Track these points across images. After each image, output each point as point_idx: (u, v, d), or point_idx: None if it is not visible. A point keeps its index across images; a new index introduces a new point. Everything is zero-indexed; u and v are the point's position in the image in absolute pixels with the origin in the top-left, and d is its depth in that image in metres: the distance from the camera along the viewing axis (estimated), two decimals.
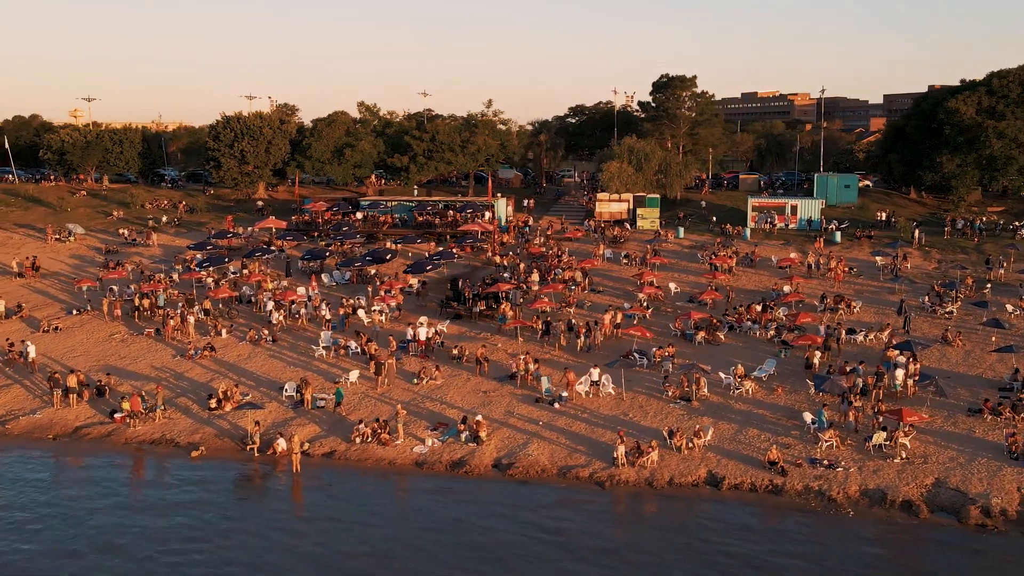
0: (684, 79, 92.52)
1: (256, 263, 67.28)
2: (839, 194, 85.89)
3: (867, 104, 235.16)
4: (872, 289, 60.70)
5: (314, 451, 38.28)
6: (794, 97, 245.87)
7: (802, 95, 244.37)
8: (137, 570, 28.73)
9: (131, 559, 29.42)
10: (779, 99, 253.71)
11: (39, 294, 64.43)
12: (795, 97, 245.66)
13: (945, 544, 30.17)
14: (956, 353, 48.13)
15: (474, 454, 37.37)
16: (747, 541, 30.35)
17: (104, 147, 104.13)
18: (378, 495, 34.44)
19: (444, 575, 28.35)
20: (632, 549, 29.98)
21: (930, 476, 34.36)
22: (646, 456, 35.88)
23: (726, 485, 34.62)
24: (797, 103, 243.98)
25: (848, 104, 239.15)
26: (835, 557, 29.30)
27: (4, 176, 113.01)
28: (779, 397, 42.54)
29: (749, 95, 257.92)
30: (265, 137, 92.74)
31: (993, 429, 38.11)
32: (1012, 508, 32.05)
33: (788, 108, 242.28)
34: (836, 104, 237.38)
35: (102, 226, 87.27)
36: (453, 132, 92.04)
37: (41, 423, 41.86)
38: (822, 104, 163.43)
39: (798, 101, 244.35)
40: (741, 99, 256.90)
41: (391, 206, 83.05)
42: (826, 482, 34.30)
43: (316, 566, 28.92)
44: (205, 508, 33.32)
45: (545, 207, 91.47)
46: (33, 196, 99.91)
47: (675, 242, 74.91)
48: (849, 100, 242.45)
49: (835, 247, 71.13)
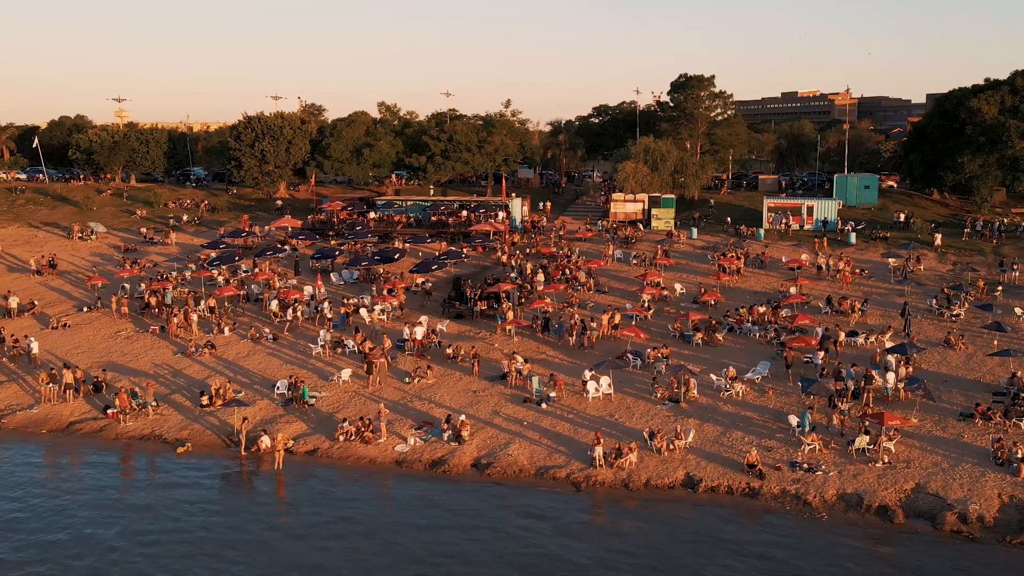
0: (702, 79, 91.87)
1: (267, 262, 67.89)
2: (859, 195, 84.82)
3: (909, 104, 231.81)
4: (881, 291, 59.88)
5: (298, 449, 38.62)
6: (835, 96, 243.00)
7: (843, 94, 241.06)
8: (106, 561, 29.20)
9: (102, 550, 29.97)
10: (819, 99, 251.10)
11: (54, 291, 65.64)
12: (835, 96, 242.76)
13: (914, 549, 29.72)
14: (957, 356, 47.37)
15: (454, 453, 37.48)
16: (704, 544, 30.20)
17: (131, 147, 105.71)
18: (348, 495, 34.64)
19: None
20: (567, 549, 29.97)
21: (911, 481, 33.89)
22: (625, 457, 35.74)
23: (702, 488, 34.41)
24: (837, 102, 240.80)
25: (890, 104, 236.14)
26: (788, 558, 29.11)
27: (35, 176, 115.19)
28: (769, 400, 42.17)
29: (789, 94, 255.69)
30: (285, 137, 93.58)
31: (983, 434, 37.49)
32: (990, 515, 31.51)
33: (828, 108, 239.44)
34: (878, 103, 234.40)
35: (125, 225, 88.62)
36: (470, 132, 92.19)
37: (36, 418, 42.64)
38: (847, 107, 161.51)
39: (838, 100, 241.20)
40: (781, 99, 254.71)
41: (407, 206, 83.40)
42: (804, 486, 33.96)
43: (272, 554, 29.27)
44: (182, 503, 33.78)
45: (562, 207, 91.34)
46: (61, 195, 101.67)
47: (687, 243, 74.44)
48: (891, 100, 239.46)
49: (848, 248, 70.25)
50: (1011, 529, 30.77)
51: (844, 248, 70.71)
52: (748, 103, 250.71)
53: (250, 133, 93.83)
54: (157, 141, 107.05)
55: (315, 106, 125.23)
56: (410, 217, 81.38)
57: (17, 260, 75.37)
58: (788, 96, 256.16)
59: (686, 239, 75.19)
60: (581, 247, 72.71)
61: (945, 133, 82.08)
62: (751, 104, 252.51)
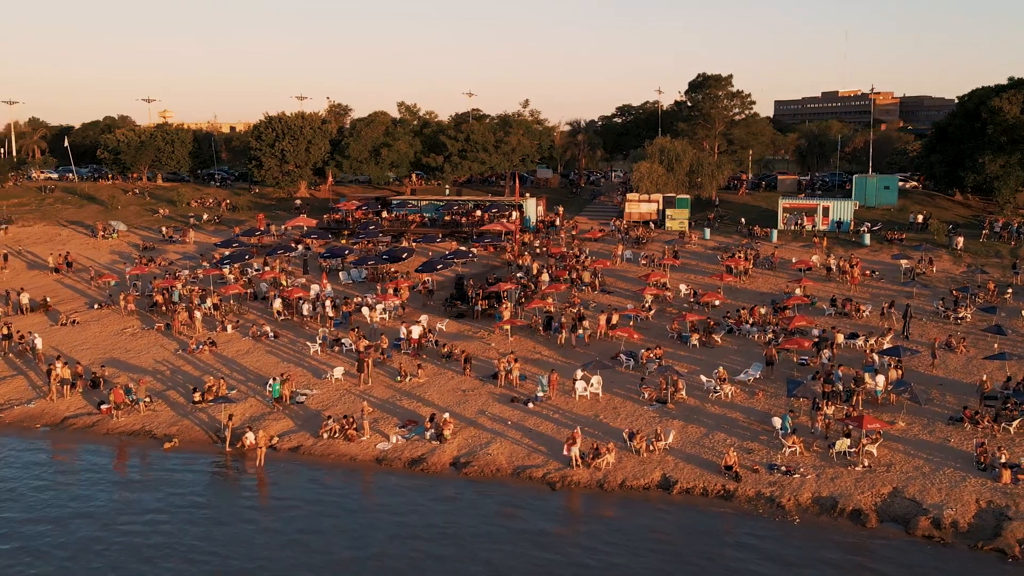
0: (720, 78, 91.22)
1: (278, 260, 68.56)
2: (879, 195, 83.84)
3: (952, 103, 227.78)
4: (889, 293, 59.14)
5: (281, 445, 39.00)
6: (876, 96, 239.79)
7: (884, 94, 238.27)
8: (81, 551, 29.89)
9: (80, 540, 30.74)
10: (860, 98, 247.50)
11: (69, 288, 66.74)
12: (877, 96, 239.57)
13: (879, 553, 29.39)
14: (957, 360, 46.70)
15: (434, 452, 37.62)
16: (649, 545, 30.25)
17: (156, 147, 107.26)
18: (323, 492, 34.93)
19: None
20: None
21: (888, 485, 33.49)
22: (602, 458, 35.66)
23: (677, 489, 34.23)
24: (878, 102, 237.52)
25: (933, 103, 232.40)
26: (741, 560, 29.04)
27: (65, 175, 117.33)
28: (758, 401, 41.85)
29: (830, 94, 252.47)
30: (305, 137, 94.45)
31: (970, 439, 36.90)
32: (964, 520, 31.05)
33: (868, 107, 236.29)
34: (920, 103, 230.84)
35: (147, 223, 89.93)
36: (487, 132, 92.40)
37: (33, 412, 43.43)
38: (886, 106, 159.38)
39: (879, 100, 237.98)
40: (821, 98, 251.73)
41: (421, 205, 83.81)
42: (779, 488, 33.67)
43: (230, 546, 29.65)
44: (161, 496, 34.32)
45: (579, 207, 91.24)
46: (88, 194, 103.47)
47: (699, 243, 74.04)
48: (933, 99, 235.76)
49: (862, 250, 69.51)
50: (985, 535, 30.29)
51: (858, 249, 69.95)
52: (788, 103, 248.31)
53: (271, 133, 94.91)
54: (183, 141, 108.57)
55: (341, 106, 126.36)
56: (424, 217, 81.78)
57: (37, 257, 76.76)
58: (828, 96, 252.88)
59: (697, 239, 74.79)
60: (592, 247, 72.66)
61: (966, 133, 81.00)
62: (791, 104, 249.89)
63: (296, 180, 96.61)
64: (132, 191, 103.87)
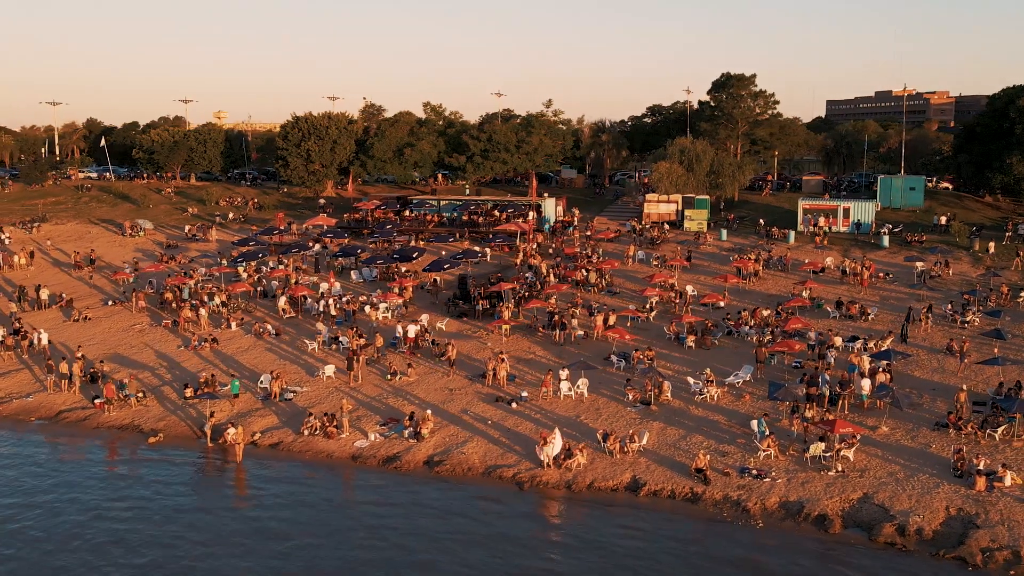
0: (743, 77, 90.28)
1: (291, 259, 69.35)
2: (904, 197, 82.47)
3: None
4: (900, 296, 58.20)
5: (262, 441, 39.53)
6: (930, 96, 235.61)
7: (940, 93, 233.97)
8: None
9: (59, 527, 31.82)
10: (914, 98, 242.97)
11: (89, 285, 68.09)
12: (931, 96, 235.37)
13: (833, 558, 28.99)
14: (956, 364, 45.75)
15: (410, 450, 37.84)
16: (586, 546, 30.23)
17: (189, 146, 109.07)
18: (293, 487, 35.39)
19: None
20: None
21: (859, 491, 32.98)
22: (574, 458, 35.60)
23: (645, 491, 34.06)
24: (933, 102, 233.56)
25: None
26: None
27: (103, 174, 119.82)
28: (743, 404, 41.43)
29: (883, 93, 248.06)
30: (331, 137, 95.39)
31: (952, 445, 36.15)
32: (930, 528, 30.48)
33: (923, 107, 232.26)
34: (977, 102, 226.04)
35: (176, 222, 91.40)
36: (509, 132, 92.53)
37: (30, 406, 44.50)
38: (940, 106, 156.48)
39: (934, 100, 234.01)
40: (874, 98, 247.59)
41: (441, 205, 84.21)
42: (747, 492, 33.33)
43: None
44: (132, 489, 35.15)
45: (601, 207, 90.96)
46: (123, 193, 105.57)
47: (715, 244, 73.41)
48: (989, 97, 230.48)
49: (880, 252, 68.41)
50: (949, 543, 29.71)
51: (876, 251, 68.90)
52: (840, 102, 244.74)
53: (297, 133, 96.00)
54: (214, 141, 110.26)
55: (375, 106, 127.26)
56: (443, 216, 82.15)
57: (64, 254, 78.44)
58: (882, 95, 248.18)
59: (713, 240, 74.17)
60: (607, 248, 72.40)
61: (994, 133, 79.39)
62: (843, 103, 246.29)
63: (322, 179, 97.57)
64: (167, 190, 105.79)
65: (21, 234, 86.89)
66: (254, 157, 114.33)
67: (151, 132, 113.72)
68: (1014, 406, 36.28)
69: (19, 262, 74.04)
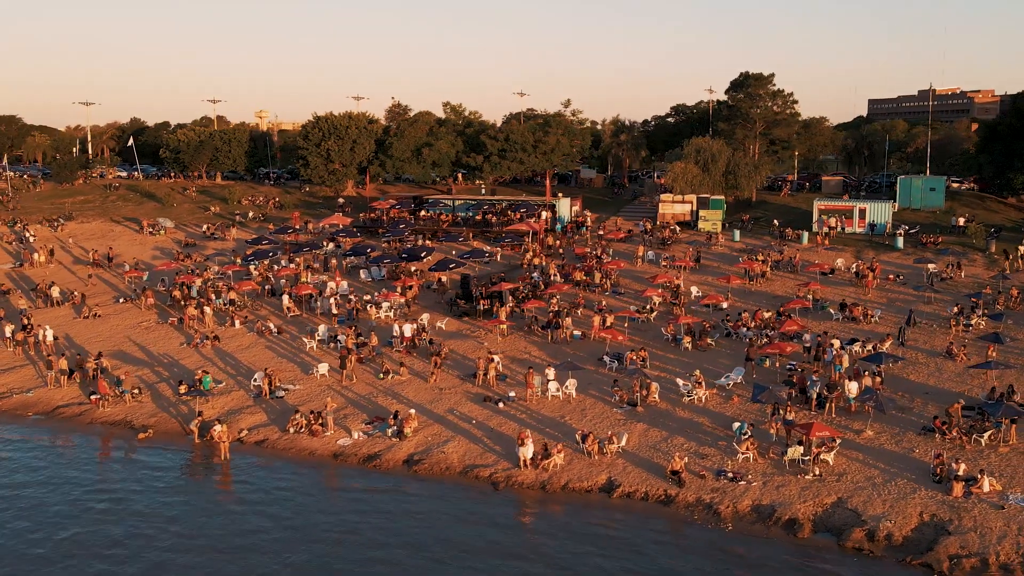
0: (761, 76, 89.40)
1: (302, 258, 69.95)
2: (924, 197, 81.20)
3: None
4: (907, 298, 57.38)
5: (248, 438, 39.95)
6: (975, 94, 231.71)
7: (985, 92, 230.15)
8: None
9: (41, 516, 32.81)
10: (958, 96, 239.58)
11: (104, 283, 69.18)
12: (976, 94, 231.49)
13: (794, 564, 28.75)
14: (954, 368, 45.09)
15: (391, 449, 38.05)
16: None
17: (214, 146, 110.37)
18: (268, 483, 35.83)
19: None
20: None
21: (833, 495, 32.63)
22: (550, 459, 35.59)
23: (618, 493, 33.98)
24: (978, 100, 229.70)
25: None
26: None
27: (132, 173, 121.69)
28: (731, 406, 41.15)
29: (927, 92, 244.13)
30: (350, 136, 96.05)
31: (940, 450, 35.64)
32: (900, 534, 30.09)
33: (967, 106, 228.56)
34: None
35: (198, 220, 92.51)
36: (526, 132, 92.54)
37: (29, 401, 45.36)
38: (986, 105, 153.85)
39: (979, 98, 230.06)
40: (917, 96, 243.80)
41: (456, 205, 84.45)
42: (721, 495, 33.11)
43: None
44: (111, 483, 35.86)
45: (618, 208, 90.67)
46: (148, 192, 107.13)
47: (726, 245, 72.85)
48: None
49: (895, 253, 67.50)
50: (918, 548, 29.33)
51: (891, 253, 68.02)
52: (882, 101, 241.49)
53: (317, 133, 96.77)
54: (239, 140, 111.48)
55: (401, 106, 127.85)
56: (457, 216, 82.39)
57: (85, 251, 79.78)
58: (925, 94, 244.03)
59: (725, 241, 73.62)
60: (618, 248, 72.15)
61: (1017, 132, 77.88)
62: (885, 102, 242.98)
63: (342, 179, 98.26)
64: (190, 189, 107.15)
65: (46, 232, 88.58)
66: (277, 156, 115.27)
67: (177, 132, 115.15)
68: (999, 411, 35.63)
69: (39, 259, 75.38)
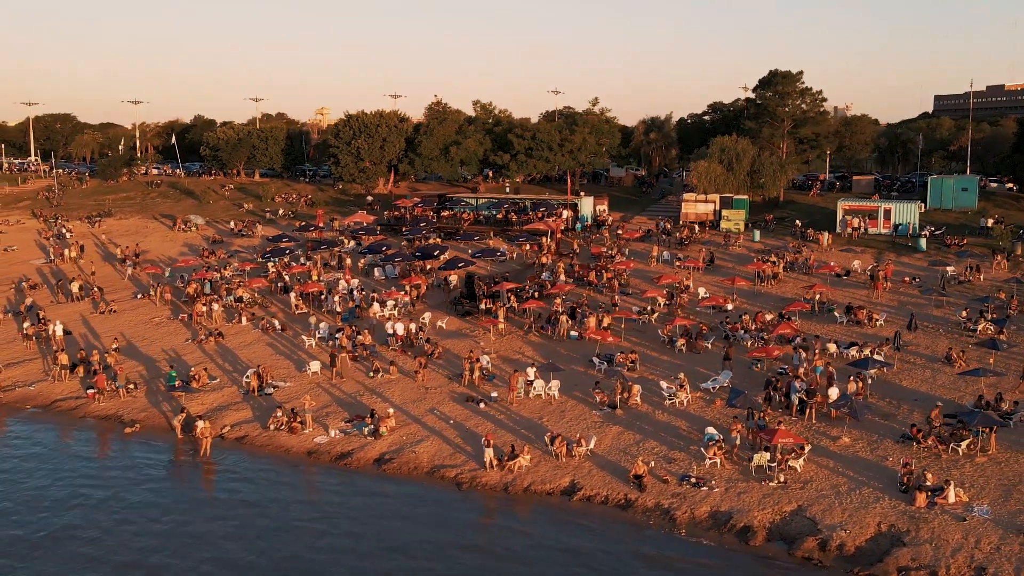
0: (790, 75, 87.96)
1: (319, 255, 70.78)
2: (956, 198, 79.38)
3: None
4: (920, 302, 56.07)
5: (229, 435, 40.61)
6: None
7: None
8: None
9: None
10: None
11: (129, 279, 70.63)
12: None
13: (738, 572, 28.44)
14: (950, 374, 44.00)
15: (364, 448, 38.37)
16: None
17: (252, 144, 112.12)
18: (235, 478, 36.48)
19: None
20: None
21: (794, 503, 32.14)
22: (515, 460, 35.60)
23: (579, 496, 33.86)
24: None
25: None
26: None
27: (175, 170, 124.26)
28: (711, 410, 40.68)
29: (995, 88, 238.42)
30: (380, 135, 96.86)
31: (911, 458, 34.87)
32: (853, 544, 29.52)
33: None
34: None
35: (230, 217, 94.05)
36: (553, 131, 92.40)
37: (30, 394, 46.64)
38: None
39: None
40: (986, 92, 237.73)
41: (479, 203, 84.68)
42: (680, 501, 32.82)
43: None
44: (78, 474, 36.90)
45: (644, 207, 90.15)
46: (188, 189, 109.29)
47: (744, 245, 71.92)
48: None
49: (919, 255, 66.11)
50: (869, 559, 28.77)
51: (914, 254, 66.65)
52: (948, 97, 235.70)
53: (348, 131, 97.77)
54: (276, 138, 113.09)
55: (442, 103, 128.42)
56: (480, 214, 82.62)
57: (114, 247, 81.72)
58: (994, 90, 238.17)
59: (744, 242, 72.70)
60: (635, 248, 71.68)
61: None
62: (951, 99, 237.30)
63: (372, 177, 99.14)
64: (227, 186, 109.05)
65: (84, 228, 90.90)
66: (311, 154, 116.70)
67: (217, 130, 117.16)
68: (974, 420, 34.72)
69: (69, 255, 77.32)
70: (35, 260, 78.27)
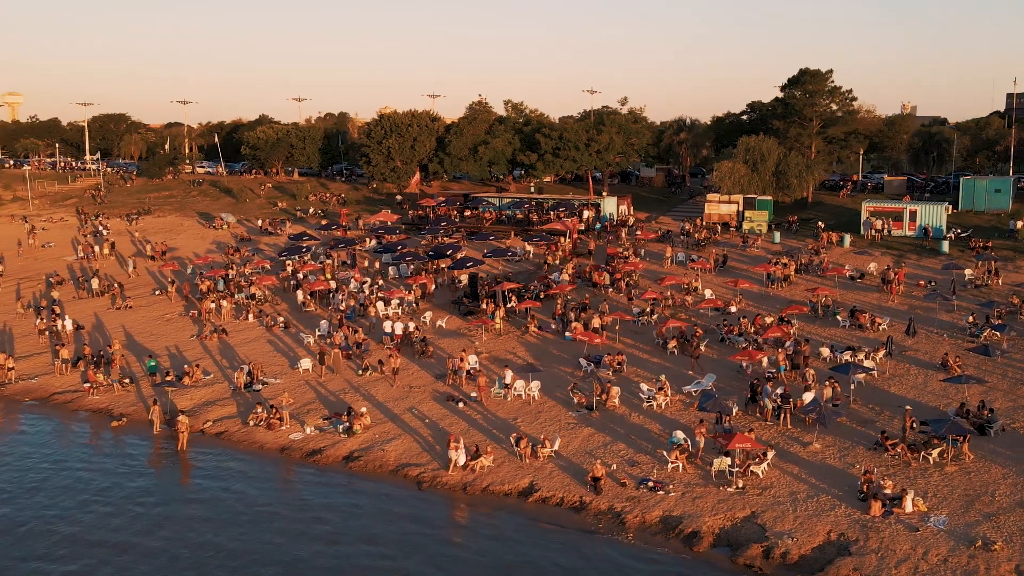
0: (819, 73, 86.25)
1: (336, 254, 71.58)
2: (988, 199, 77.20)
3: None
4: (928, 306, 54.62)
5: (210, 430, 41.40)
6: None
7: None
8: None
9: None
10: None
11: (151, 275, 72.27)
12: None
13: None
14: (941, 380, 42.94)
15: (335, 445, 38.80)
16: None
17: (289, 143, 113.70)
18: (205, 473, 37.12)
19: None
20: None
21: (748, 509, 31.72)
22: (478, 460, 35.69)
23: (535, 497, 33.84)
24: None
25: None
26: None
27: (217, 168, 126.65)
28: (687, 414, 40.26)
29: None
30: (411, 134, 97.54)
31: (879, 466, 34.16)
32: (798, 552, 29.05)
33: None
34: None
35: (266, 216, 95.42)
36: (580, 130, 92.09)
37: (31, 387, 48.08)
38: None
39: None
40: None
41: (502, 203, 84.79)
42: (633, 505, 32.60)
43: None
44: (68, 468, 37.71)
45: (670, 207, 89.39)
46: (227, 187, 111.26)
47: (763, 247, 70.89)
48: None
49: (941, 257, 64.59)
50: (811, 568, 28.33)
51: (936, 257, 65.15)
52: (1022, 96, 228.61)
53: (379, 131, 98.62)
54: (312, 138, 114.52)
55: (484, 103, 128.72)
56: (503, 213, 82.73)
57: (147, 243, 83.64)
58: None
59: (762, 243, 71.67)
60: (652, 248, 71.13)
61: None
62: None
63: (403, 176, 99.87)
64: (266, 185, 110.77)
65: (122, 225, 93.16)
66: (345, 154, 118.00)
67: (256, 129, 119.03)
68: (941, 428, 33.85)
69: (101, 252, 79.31)
70: (68, 256, 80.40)
